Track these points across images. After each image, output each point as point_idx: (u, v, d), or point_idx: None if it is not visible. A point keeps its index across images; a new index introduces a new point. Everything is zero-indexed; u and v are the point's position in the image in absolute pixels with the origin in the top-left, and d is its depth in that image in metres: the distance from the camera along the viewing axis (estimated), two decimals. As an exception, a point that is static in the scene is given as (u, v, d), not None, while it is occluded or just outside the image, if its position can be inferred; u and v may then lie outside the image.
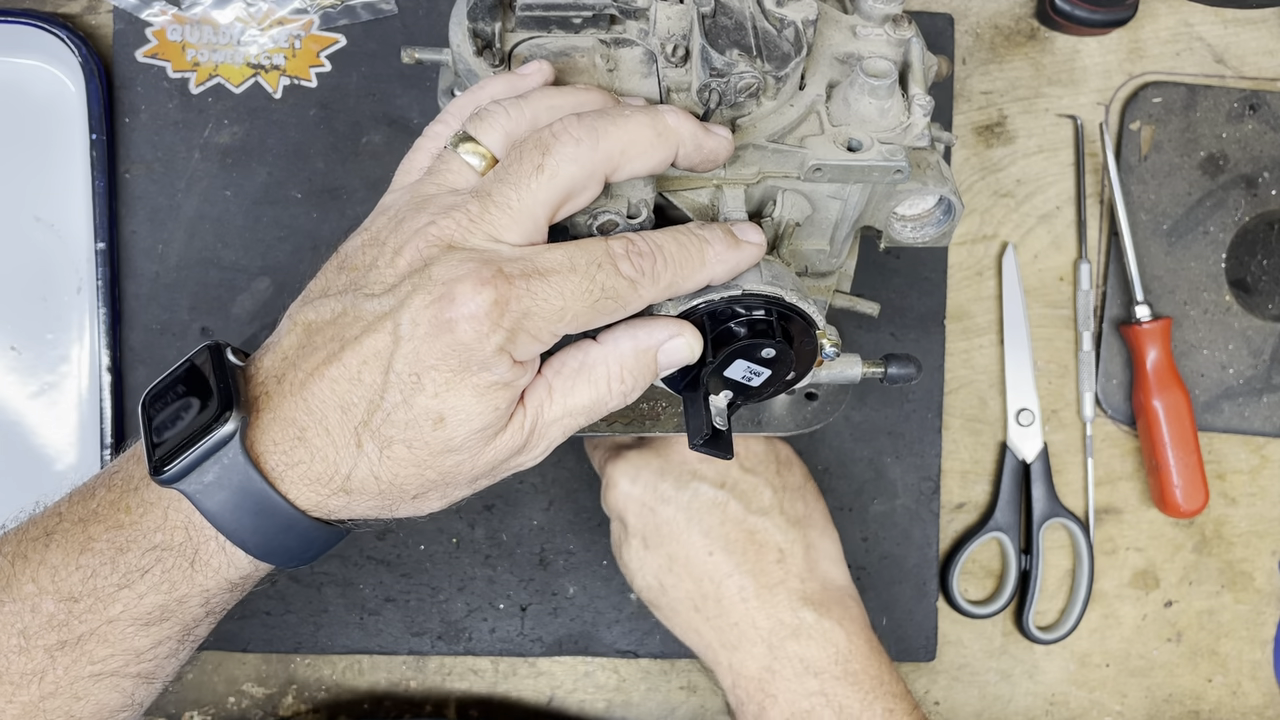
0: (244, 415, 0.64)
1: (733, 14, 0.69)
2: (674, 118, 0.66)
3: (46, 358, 1.05)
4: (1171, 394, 1.09)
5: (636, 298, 0.66)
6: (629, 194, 0.68)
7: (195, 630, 0.70)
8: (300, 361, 0.65)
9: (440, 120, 0.72)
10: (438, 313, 0.61)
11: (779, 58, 0.69)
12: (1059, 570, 1.14)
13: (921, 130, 0.70)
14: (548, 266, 0.63)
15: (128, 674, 0.68)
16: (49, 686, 0.66)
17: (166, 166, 1.04)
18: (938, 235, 0.79)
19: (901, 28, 0.73)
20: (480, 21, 0.71)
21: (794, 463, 0.98)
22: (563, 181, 0.64)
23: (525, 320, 0.62)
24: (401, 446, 0.64)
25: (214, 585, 0.67)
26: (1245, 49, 1.13)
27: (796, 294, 0.70)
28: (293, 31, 1.05)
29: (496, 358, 0.62)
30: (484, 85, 0.71)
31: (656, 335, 0.69)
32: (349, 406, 0.64)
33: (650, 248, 0.66)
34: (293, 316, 0.68)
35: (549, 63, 0.71)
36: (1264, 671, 1.15)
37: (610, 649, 1.09)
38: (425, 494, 0.68)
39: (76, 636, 0.66)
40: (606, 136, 0.64)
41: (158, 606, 0.67)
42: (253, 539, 0.65)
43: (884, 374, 0.85)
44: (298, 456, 0.64)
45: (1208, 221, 1.12)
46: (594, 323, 0.66)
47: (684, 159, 0.67)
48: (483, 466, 0.67)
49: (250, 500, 0.64)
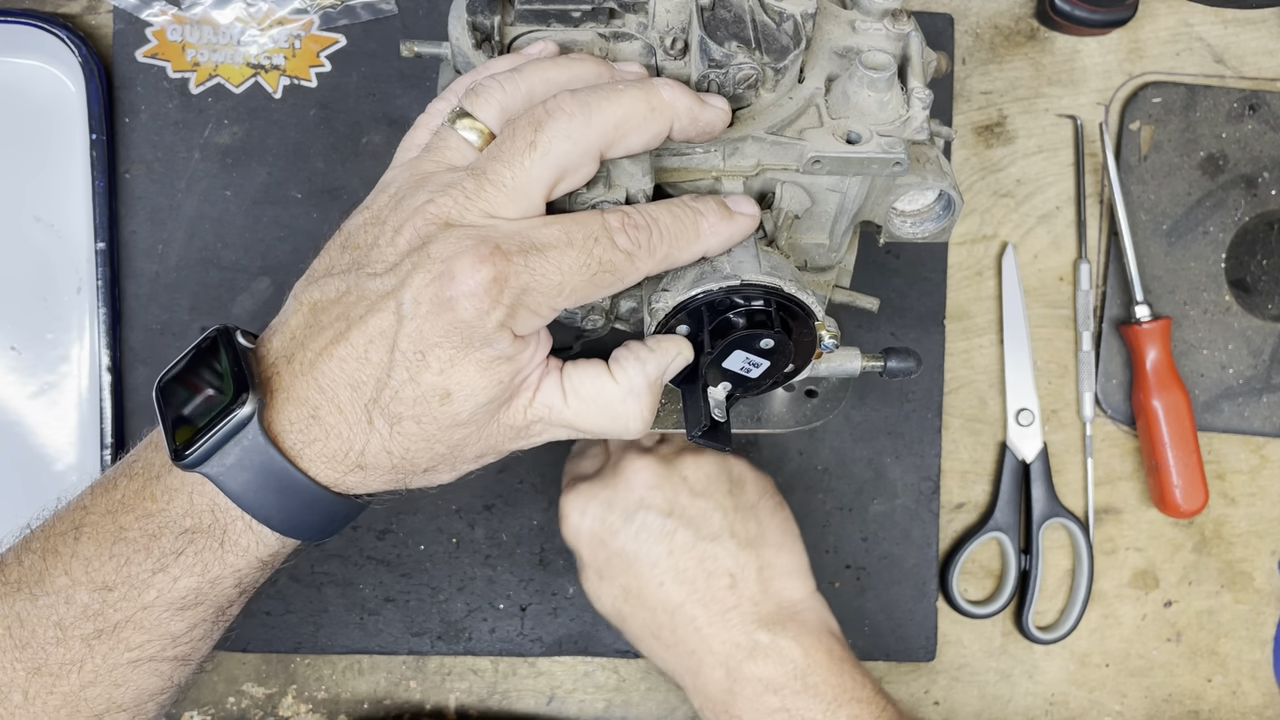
0: (260, 397, 0.65)
1: (731, 7, 0.70)
2: (669, 90, 0.66)
3: (46, 358, 1.05)
4: (1171, 394, 1.09)
5: (634, 270, 0.66)
6: (627, 184, 0.68)
7: (228, 610, 0.72)
8: (308, 341, 0.66)
9: (441, 98, 0.73)
10: (438, 291, 0.62)
11: (778, 50, 0.69)
12: (1059, 570, 1.14)
13: (921, 124, 0.70)
14: (545, 241, 0.64)
15: (165, 658, 0.69)
16: (88, 675, 0.67)
17: (166, 166, 1.05)
18: (937, 230, 0.79)
19: (900, 22, 0.73)
20: (480, 15, 0.72)
21: (746, 480, 0.96)
22: (556, 158, 0.64)
23: (524, 296, 0.63)
24: (411, 422, 0.65)
25: (245, 564, 0.69)
26: (1245, 49, 1.13)
27: (795, 284, 0.70)
28: (293, 31, 1.05)
29: (498, 333, 0.63)
30: (487, 66, 0.72)
31: (663, 363, 0.71)
32: (358, 385, 0.65)
33: (646, 220, 0.67)
34: (298, 296, 0.69)
35: (553, 43, 0.71)
36: (1264, 671, 1.15)
37: (610, 649, 1.09)
38: (435, 467, 0.69)
39: (113, 625, 0.67)
40: (600, 112, 0.64)
41: (192, 590, 0.68)
42: (278, 516, 0.67)
43: (883, 367, 0.85)
44: (313, 434, 0.66)
45: (1207, 221, 1.12)
46: (592, 295, 0.66)
47: (679, 132, 0.67)
48: (489, 440, 0.69)
49: (273, 479, 0.65)
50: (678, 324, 0.71)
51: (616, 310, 0.83)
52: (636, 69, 0.70)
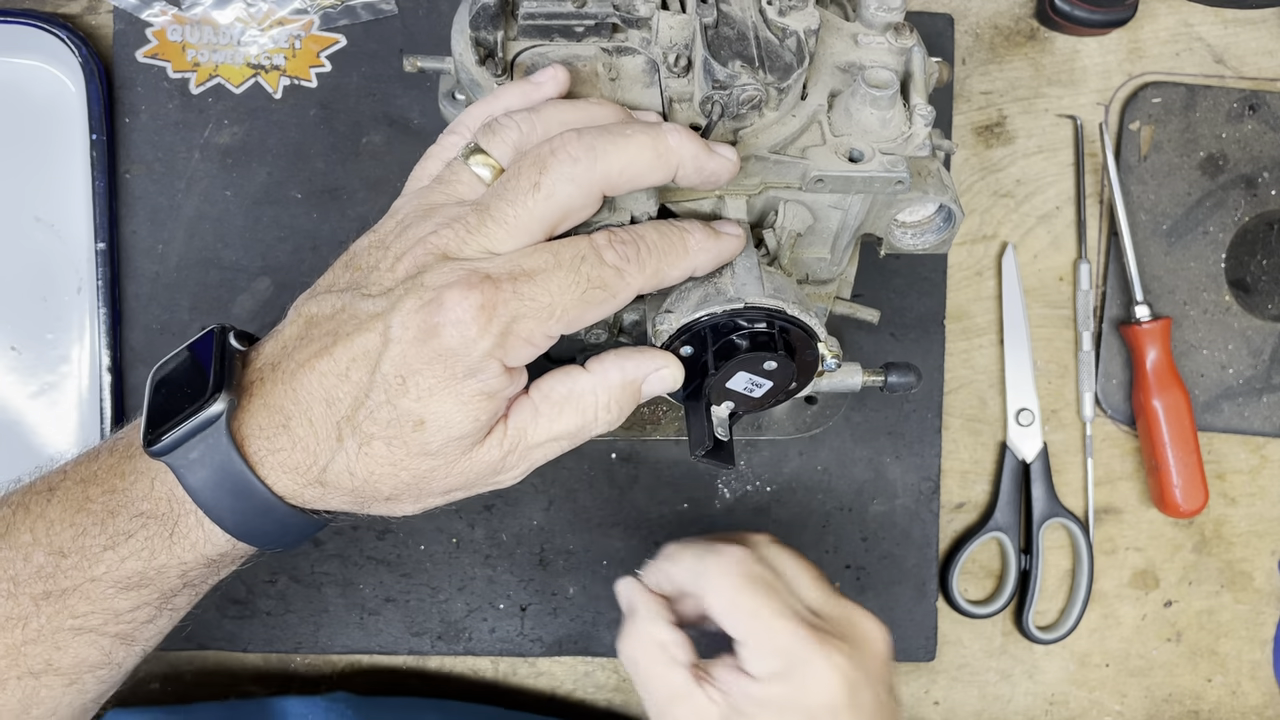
0: (232, 398, 0.66)
1: (735, 24, 0.69)
2: (676, 138, 0.66)
3: (46, 358, 1.05)
4: (1171, 394, 1.09)
5: (624, 285, 0.66)
6: (631, 206, 0.69)
7: (174, 600, 0.72)
8: (295, 352, 0.67)
9: (452, 130, 0.73)
10: (426, 318, 0.63)
11: (781, 69, 0.69)
12: (1059, 570, 1.14)
13: (923, 140, 0.71)
14: (533, 266, 0.64)
15: (106, 632, 0.70)
16: (31, 633, 0.69)
17: (166, 166, 1.04)
18: (938, 242, 0.79)
19: (903, 36, 0.73)
20: (483, 30, 0.71)
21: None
22: (559, 200, 0.64)
23: (515, 324, 0.63)
24: (381, 443, 0.66)
25: (191, 559, 0.69)
26: (1245, 49, 1.13)
27: (798, 306, 0.70)
28: (293, 32, 1.05)
29: (485, 363, 0.64)
30: (498, 95, 0.72)
31: (644, 367, 0.71)
32: (334, 400, 0.65)
33: (632, 236, 0.67)
34: (298, 308, 0.70)
35: (563, 68, 0.71)
36: (1264, 671, 1.15)
37: (610, 649, 1.09)
38: (398, 496, 0.69)
39: (61, 589, 0.68)
40: (605, 156, 0.64)
41: (137, 572, 0.69)
42: (230, 518, 0.67)
43: (884, 383, 0.85)
44: (280, 443, 0.66)
45: (1207, 221, 1.12)
46: (585, 316, 0.66)
47: (683, 179, 0.67)
48: (458, 477, 0.69)
49: (230, 481, 0.66)
50: (681, 345, 0.71)
51: (620, 323, 0.83)
52: (653, 119, 0.70)
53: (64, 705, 0.72)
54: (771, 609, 0.79)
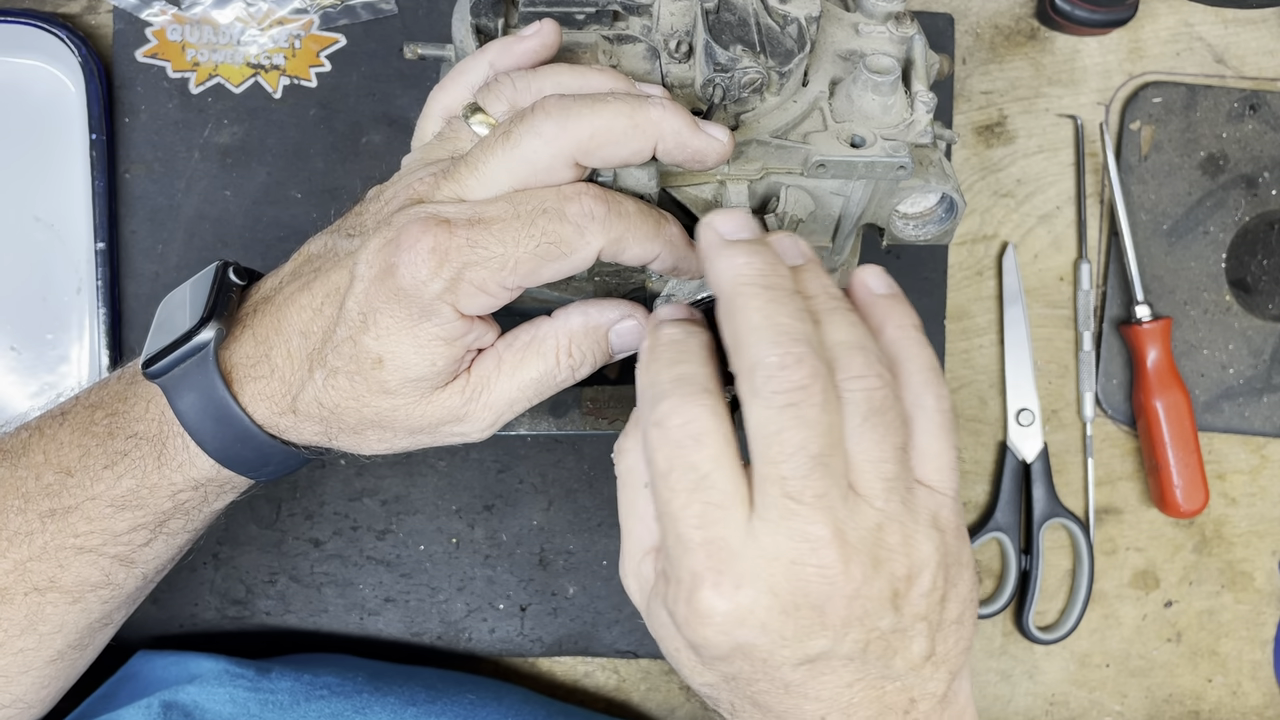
0: (220, 328, 0.69)
1: (736, 10, 0.70)
2: (658, 110, 0.65)
3: (46, 358, 1.05)
4: (1171, 394, 1.09)
5: (584, 244, 0.65)
6: (633, 186, 0.68)
7: (168, 524, 0.75)
8: (285, 286, 0.70)
9: (441, 87, 0.74)
10: (385, 256, 0.64)
11: (782, 54, 0.69)
12: (1059, 570, 1.14)
13: (924, 127, 0.71)
14: (491, 215, 0.64)
15: (105, 553, 0.74)
16: (36, 549, 0.72)
17: (166, 166, 1.04)
18: (940, 233, 0.79)
19: (904, 25, 0.74)
20: (483, 17, 0.72)
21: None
22: (525, 153, 0.64)
23: (467, 270, 0.63)
24: (344, 377, 0.67)
25: (179, 480, 0.72)
26: (1245, 49, 1.13)
27: None
28: (293, 31, 1.05)
29: (436, 305, 0.64)
30: (486, 48, 0.72)
31: (608, 314, 0.71)
32: (309, 333, 0.68)
33: (610, 197, 0.66)
34: (303, 246, 0.73)
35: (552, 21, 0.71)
36: (1264, 671, 1.15)
37: (610, 649, 1.09)
38: (363, 431, 0.70)
39: (65, 508, 0.72)
40: (577, 118, 0.64)
41: (130, 490, 0.72)
42: (211, 442, 0.70)
43: None
44: (260, 372, 0.69)
45: (1208, 221, 1.12)
46: (541, 271, 0.65)
47: (665, 154, 0.66)
48: (419, 419, 0.70)
49: (213, 405, 0.69)
50: None
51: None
52: (656, 90, 0.69)
53: (69, 623, 0.76)
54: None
